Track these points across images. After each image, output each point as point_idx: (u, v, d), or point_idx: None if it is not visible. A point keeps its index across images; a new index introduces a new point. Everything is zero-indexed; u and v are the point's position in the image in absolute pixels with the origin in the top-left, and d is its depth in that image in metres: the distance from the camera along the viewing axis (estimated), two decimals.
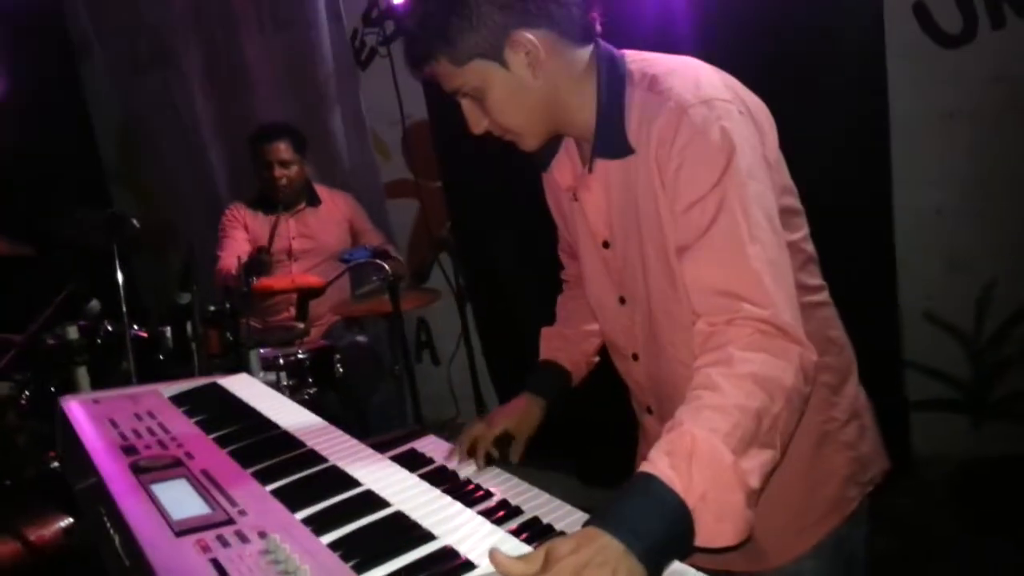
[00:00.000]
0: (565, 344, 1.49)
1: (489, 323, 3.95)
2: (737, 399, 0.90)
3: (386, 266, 2.70)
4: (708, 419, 0.89)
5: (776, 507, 1.10)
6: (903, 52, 2.79)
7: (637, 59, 1.17)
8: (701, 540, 0.86)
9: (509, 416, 1.40)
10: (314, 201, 3.51)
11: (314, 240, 3.46)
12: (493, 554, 0.80)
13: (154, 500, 1.01)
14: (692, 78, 1.10)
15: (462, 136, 1.28)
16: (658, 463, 0.87)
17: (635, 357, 1.29)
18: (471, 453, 1.32)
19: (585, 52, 1.16)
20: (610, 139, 1.15)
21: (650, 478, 0.86)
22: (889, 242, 2.96)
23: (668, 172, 1.07)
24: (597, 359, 1.51)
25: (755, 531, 1.13)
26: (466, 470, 1.27)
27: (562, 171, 1.28)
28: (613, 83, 1.14)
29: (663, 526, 0.83)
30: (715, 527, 0.86)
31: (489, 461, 1.31)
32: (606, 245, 1.24)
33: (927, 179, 2.92)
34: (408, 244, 4.25)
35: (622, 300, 1.26)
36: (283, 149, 3.34)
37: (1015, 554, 2.56)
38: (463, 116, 1.20)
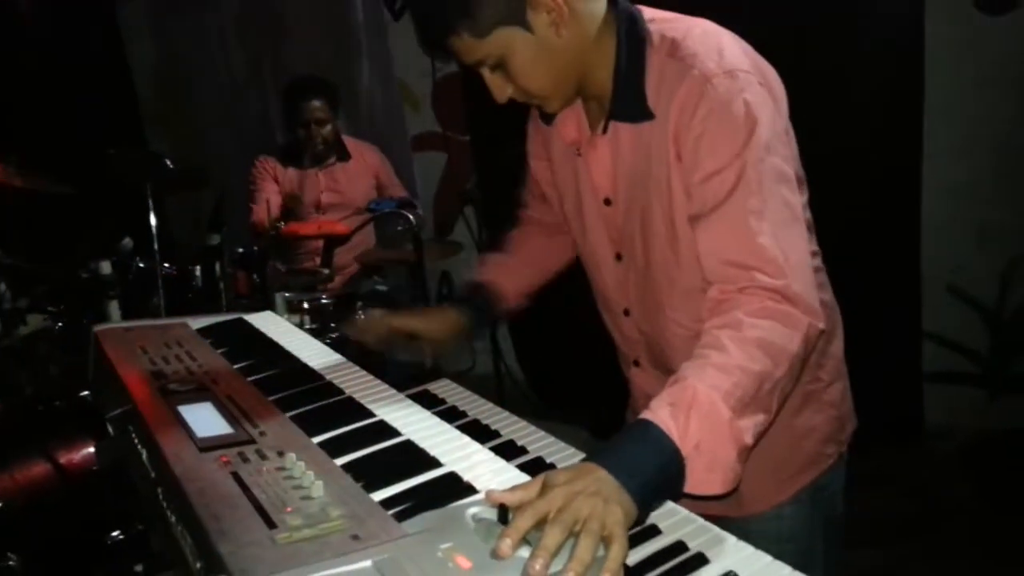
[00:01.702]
0: (506, 274, 1.50)
1: None
2: (741, 361, 0.94)
3: (411, 216, 2.75)
4: (711, 376, 0.93)
5: (758, 459, 1.16)
6: (943, 17, 2.74)
7: (656, 19, 1.16)
8: (691, 486, 0.90)
9: (420, 317, 1.43)
10: (343, 156, 3.54)
11: (342, 194, 3.51)
12: (489, 493, 0.84)
13: (180, 419, 1.07)
14: (714, 46, 1.09)
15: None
16: (659, 411, 0.91)
17: (626, 312, 1.31)
18: (367, 332, 1.40)
19: (602, 6, 1.14)
20: (629, 102, 1.14)
21: (649, 424, 0.90)
22: (916, 212, 2.94)
23: (688, 141, 1.07)
24: (526, 304, 1.53)
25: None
26: (475, 412, 1.32)
27: (567, 126, 1.27)
28: (633, 44, 1.13)
29: (656, 468, 0.87)
30: (705, 476, 0.90)
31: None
32: (607, 203, 1.25)
33: (959, 149, 2.89)
34: (434, 197, 4.29)
35: (618, 257, 1.28)
36: (319, 108, 3.36)
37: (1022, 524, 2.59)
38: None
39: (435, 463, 0.98)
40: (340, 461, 0.97)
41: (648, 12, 1.18)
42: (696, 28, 1.13)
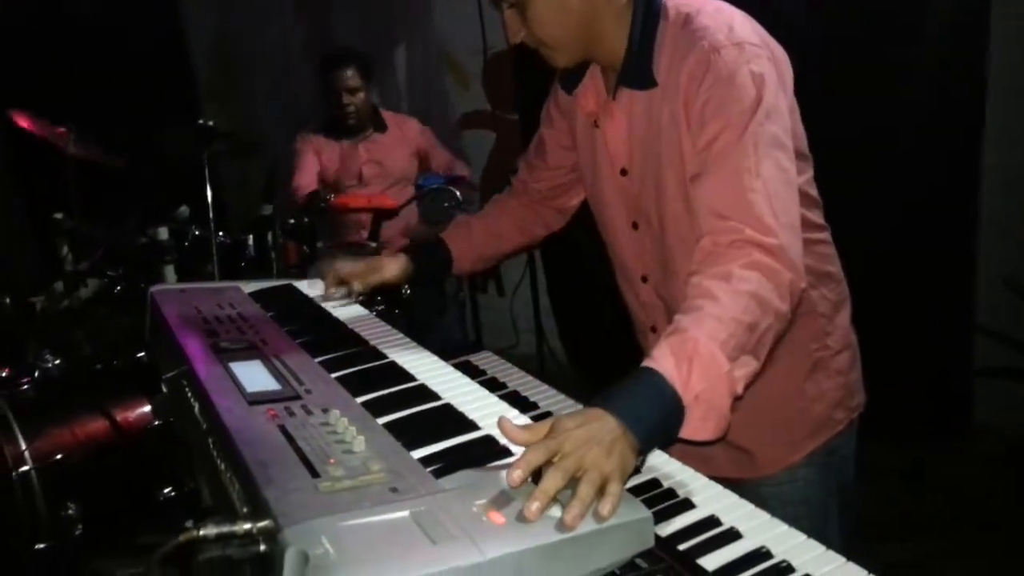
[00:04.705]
0: (465, 233, 1.62)
1: (556, 258, 4.00)
2: (735, 312, 0.99)
3: (457, 192, 2.78)
4: (709, 327, 0.97)
5: (770, 423, 1.28)
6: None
7: None
8: (686, 433, 0.95)
9: (375, 270, 1.59)
10: (380, 127, 3.57)
11: (383, 165, 3.54)
12: (501, 421, 0.89)
13: (231, 375, 1.11)
14: (725, 21, 1.16)
15: (542, 69, 1.35)
16: (662, 361, 0.95)
17: (644, 279, 1.38)
18: (338, 283, 1.59)
19: None
20: (636, 70, 1.22)
21: (654, 372, 0.94)
22: (973, 202, 2.87)
23: (695, 108, 1.14)
24: (484, 267, 1.68)
25: (750, 443, 1.30)
26: (515, 383, 1.33)
27: (586, 96, 1.35)
28: (649, 16, 1.21)
29: (659, 416, 0.92)
30: (700, 424, 0.95)
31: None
32: (623, 172, 1.32)
33: (1019, 137, 2.79)
34: (482, 176, 4.30)
35: (635, 225, 1.34)
36: (350, 76, 3.39)
37: None
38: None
39: (473, 426, 1.00)
40: (382, 420, 1.01)
41: None
42: (709, 5, 1.21)
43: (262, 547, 0.75)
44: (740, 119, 1.09)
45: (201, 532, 0.76)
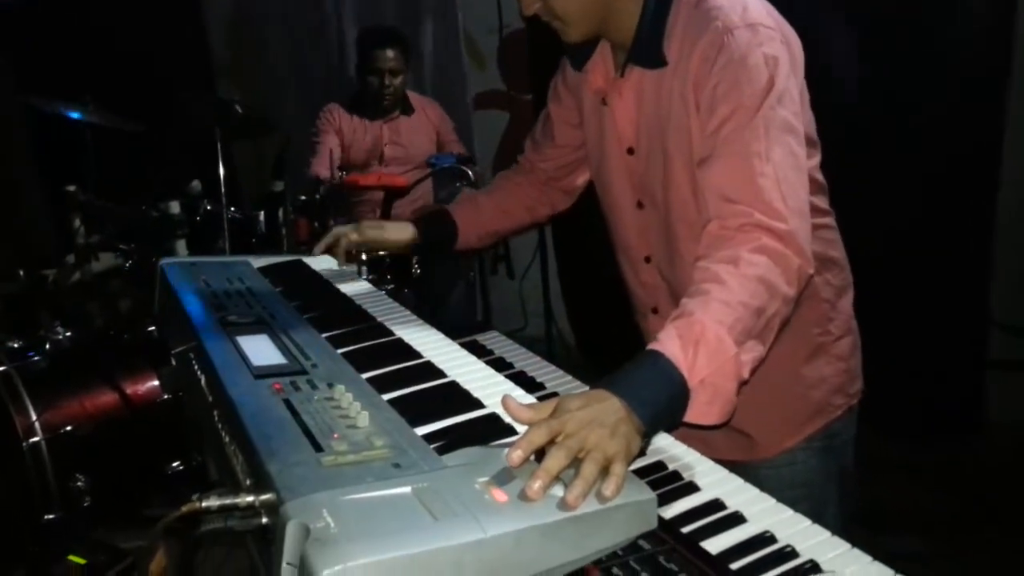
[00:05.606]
0: (472, 208, 1.62)
1: (567, 242, 3.99)
2: (742, 296, 0.98)
3: (469, 172, 2.76)
4: (716, 311, 0.96)
5: (769, 407, 1.27)
6: None
7: None
8: (690, 416, 0.95)
9: (376, 229, 1.62)
10: (408, 109, 3.56)
11: (405, 148, 3.53)
12: (505, 399, 0.89)
13: (238, 348, 1.11)
14: (740, 2, 1.15)
15: (557, 49, 1.35)
16: (668, 344, 0.94)
17: (647, 259, 1.37)
18: (331, 249, 1.61)
19: None
20: (647, 48, 1.21)
21: (659, 355, 0.94)
22: (992, 193, 2.84)
23: (705, 89, 1.13)
24: (490, 243, 1.70)
25: (749, 426, 1.29)
26: (522, 364, 1.33)
27: (595, 73, 1.34)
28: None
29: (664, 399, 0.92)
30: (705, 408, 0.95)
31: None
32: (630, 151, 1.31)
33: None
34: (495, 156, 4.28)
35: (640, 204, 1.34)
36: (392, 58, 3.37)
37: None
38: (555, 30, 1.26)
39: (478, 404, 1.00)
40: (387, 396, 1.00)
41: None
42: None
43: (264, 519, 0.75)
44: (752, 102, 1.08)
45: (204, 504, 0.76)
